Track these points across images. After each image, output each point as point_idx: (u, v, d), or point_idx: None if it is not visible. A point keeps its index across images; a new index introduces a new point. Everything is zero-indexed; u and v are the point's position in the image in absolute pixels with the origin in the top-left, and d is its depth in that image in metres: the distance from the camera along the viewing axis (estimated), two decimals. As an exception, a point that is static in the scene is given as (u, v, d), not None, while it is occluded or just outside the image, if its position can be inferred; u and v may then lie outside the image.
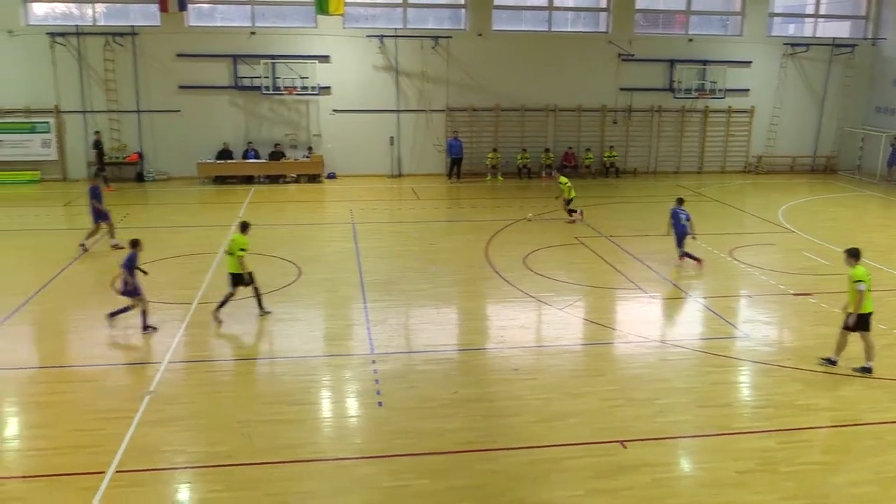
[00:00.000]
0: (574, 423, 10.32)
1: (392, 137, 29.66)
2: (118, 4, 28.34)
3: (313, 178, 28.72)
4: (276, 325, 14.02)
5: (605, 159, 30.94)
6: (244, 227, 14.24)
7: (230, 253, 14.00)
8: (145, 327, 13.44)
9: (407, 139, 29.98)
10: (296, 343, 13.10)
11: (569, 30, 30.66)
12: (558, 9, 30.36)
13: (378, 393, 11.19)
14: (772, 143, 32.61)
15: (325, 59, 28.56)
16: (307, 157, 28.82)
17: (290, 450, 9.64)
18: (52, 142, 28.00)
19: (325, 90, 28.82)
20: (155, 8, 27.52)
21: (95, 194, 19.01)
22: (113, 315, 13.74)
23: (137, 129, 28.54)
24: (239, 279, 13.98)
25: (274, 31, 28.50)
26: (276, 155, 28.64)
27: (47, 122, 27.92)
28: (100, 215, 19.03)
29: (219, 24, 28.84)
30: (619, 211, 24.13)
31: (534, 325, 14.13)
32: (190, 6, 27.88)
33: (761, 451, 9.70)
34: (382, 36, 28.85)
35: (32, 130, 27.93)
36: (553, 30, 30.31)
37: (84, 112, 28.16)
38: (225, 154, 28.45)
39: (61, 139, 28.21)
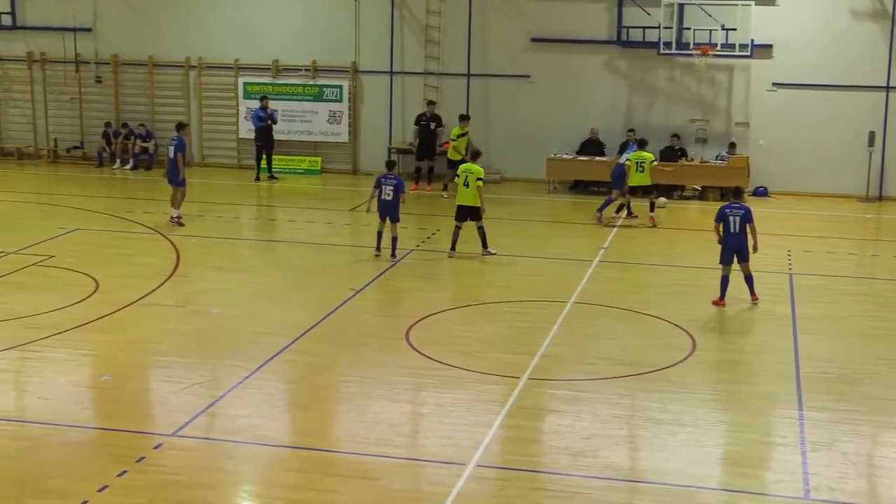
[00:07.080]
0: None
1: (872, 133, 28.47)
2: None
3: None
4: (648, 430, 14.00)
5: None
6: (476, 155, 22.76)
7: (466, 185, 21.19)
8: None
9: (900, 137, 28.69)
10: (676, 461, 12.94)
11: None
12: None
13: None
14: None
15: (767, -1, 28.36)
16: (723, 158, 28.55)
17: None
18: (343, 116, 30.81)
19: (764, 50, 28.53)
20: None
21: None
22: None
23: (465, 102, 30.45)
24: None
25: (688, -46, 28.90)
26: (673, 153, 28.70)
27: (339, 87, 30.85)
28: None
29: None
30: None
31: None
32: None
33: None
34: (871, -37, 28.03)
35: (318, 98, 31.00)
36: None
37: (391, 73, 30.73)
38: (592, 147, 29.15)
39: (355, 112, 31.01)
